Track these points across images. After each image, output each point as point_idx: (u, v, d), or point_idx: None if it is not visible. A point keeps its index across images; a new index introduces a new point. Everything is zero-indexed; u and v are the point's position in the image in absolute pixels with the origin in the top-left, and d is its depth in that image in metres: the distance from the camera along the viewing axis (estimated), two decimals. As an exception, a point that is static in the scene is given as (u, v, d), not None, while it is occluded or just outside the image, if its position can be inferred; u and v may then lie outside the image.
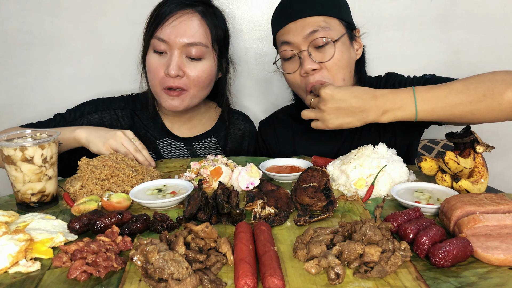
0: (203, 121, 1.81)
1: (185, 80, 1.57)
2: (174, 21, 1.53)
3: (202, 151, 1.78)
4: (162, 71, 1.55)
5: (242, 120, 1.87)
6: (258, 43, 2.15)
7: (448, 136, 1.29)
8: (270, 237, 0.94)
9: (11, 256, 0.88)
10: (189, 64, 1.56)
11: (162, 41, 1.54)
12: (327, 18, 1.45)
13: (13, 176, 1.16)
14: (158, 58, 1.57)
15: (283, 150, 1.76)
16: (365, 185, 1.25)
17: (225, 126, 1.83)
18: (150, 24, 1.58)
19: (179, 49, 1.53)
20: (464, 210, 0.98)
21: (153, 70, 1.57)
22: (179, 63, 1.54)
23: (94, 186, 1.24)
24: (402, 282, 0.81)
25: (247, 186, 1.25)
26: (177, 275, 0.80)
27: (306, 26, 1.44)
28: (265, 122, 1.87)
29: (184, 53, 1.55)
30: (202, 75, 1.59)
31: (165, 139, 1.75)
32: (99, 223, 1.00)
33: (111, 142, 1.45)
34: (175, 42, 1.52)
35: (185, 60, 1.56)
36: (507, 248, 0.88)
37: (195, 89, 1.60)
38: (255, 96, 2.22)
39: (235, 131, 1.84)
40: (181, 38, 1.52)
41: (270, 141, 1.81)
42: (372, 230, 0.89)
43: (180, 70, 1.54)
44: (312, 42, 1.44)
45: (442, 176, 1.23)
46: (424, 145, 2.13)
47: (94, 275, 0.85)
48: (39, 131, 1.26)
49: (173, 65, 1.52)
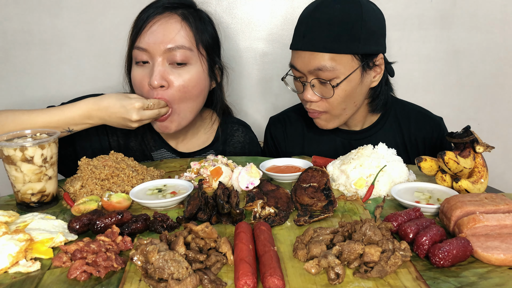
0: (199, 135, 1.68)
1: (170, 91, 1.42)
2: (152, 26, 1.41)
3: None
4: (145, 84, 1.43)
5: (242, 132, 1.75)
6: (258, 43, 2.15)
7: (448, 136, 1.29)
8: (270, 237, 0.94)
9: (11, 256, 0.88)
10: (173, 71, 1.42)
11: (142, 50, 1.41)
12: (336, 56, 1.37)
13: (13, 176, 1.16)
14: (141, 70, 1.44)
15: (291, 150, 1.72)
16: (365, 185, 1.25)
17: (224, 138, 1.70)
18: (130, 35, 1.47)
19: (161, 56, 1.40)
20: (464, 210, 0.98)
21: (138, 84, 1.45)
22: (161, 72, 1.40)
23: (94, 186, 1.24)
24: (402, 282, 0.82)
25: (247, 186, 1.25)
26: (177, 275, 0.80)
27: (312, 61, 1.39)
28: (275, 119, 1.80)
29: (168, 61, 1.41)
30: (188, 84, 1.43)
31: (160, 150, 1.63)
32: (99, 223, 1.00)
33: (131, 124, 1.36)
34: (155, 49, 1.39)
35: (169, 68, 1.42)
36: (507, 248, 0.88)
37: (182, 102, 1.45)
38: (255, 96, 2.22)
39: (235, 143, 1.72)
40: (161, 43, 1.39)
41: (280, 139, 1.76)
42: (372, 230, 0.89)
43: (163, 79, 1.40)
44: (317, 77, 1.41)
45: (442, 176, 1.23)
46: (424, 145, 2.13)
47: (94, 275, 0.85)
48: (39, 131, 1.26)
49: (155, 74, 1.38)
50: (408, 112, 1.66)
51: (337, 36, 1.36)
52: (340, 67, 1.38)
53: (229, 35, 2.12)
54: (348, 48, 1.37)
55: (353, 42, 1.37)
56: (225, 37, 2.12)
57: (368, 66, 1.44)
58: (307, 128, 1.72)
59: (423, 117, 1.65)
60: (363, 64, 1.42)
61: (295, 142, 1.74)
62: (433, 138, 1.63)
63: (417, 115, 1.65)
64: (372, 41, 1.41)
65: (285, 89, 2.23)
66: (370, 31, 1.39)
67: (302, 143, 1.73)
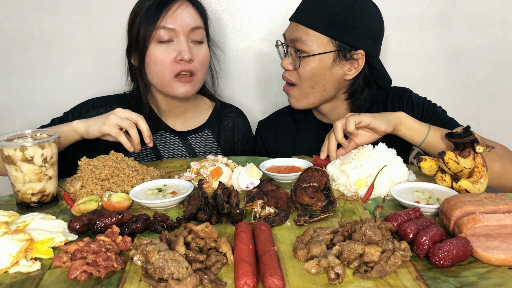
0: (195, 115, 1.83)
1: (195, 64, 1.63)
2: (176, 10, 1.59)
3: (197, 144, 1.78)
4: (171, 59, 1.59)
5: (235, 114, 1.90)
6: (258, 43, 2.14)
7: (448, 136, 1.29)
8: (270, 237, 0.94)
9: (11, 256, 0.88)
10: (195, 48, 1.63)
11: (168, 29, 1.57)
12: (314, 33, 1.50)
13: (13, 176, 1.16)
14: (165, 47, 1.59)
15: (283, 151, 1.77)
16: (365, 185, 1.25)
17: (219, 119, 1.85)
18: (145, 21, 1.58)
19: (185, 35, 1.59)
20: (464, 210, 0.98)
21: (162, 59, 1.59)
22: (190, 48, 1.60)
23: (94, 186, 1.24)
24: (402, 282, 0.82)
25: (247, 186, 1.25)
26: (177, 275, 0.80)
27: (295, 31, 1.54)
28: (264, 123, 1.88)
29: (189, 39, 1.61)
30: (205, 58, 1.67)
31: (160, 132, 1.76)
32: (99, 223, 1.00)
33: (104, 128, 1.39)
34: (182, 28, 1.58)
35: (191, 44, 1.63)
36: (507, 248, 0.88)
37: (201, 73, 1.67)
38: (254, 96, 2.22)
39: (228, 123, 1.87)
40: (187, 24, 1.59)
41: (270, 141, 1.82)
42: (372, 230, 0.89)
43: (191, 54, 1.60)
44: (293, 46, 1.54)
45: (442, 176, 1.23)
46: (424, 145, 2.13)
47: (94, 275, 0.85)
48: (39, 131, 1.26)
49: (186, 50, 1.58)
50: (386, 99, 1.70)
51: (322, 17, 1.50)
52: (313, 44, 1.50)
53: (229, 35, 2.12)
54: (327, 30, 1.50)
55: (332, 27, 1.49)
56: (225, 37, 2.12)
57: (344, 56, 1.53)
58: (297, 128, 1.78)
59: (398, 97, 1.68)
60: (338, 51, 1.51)
61: (286, 142, 1.79)
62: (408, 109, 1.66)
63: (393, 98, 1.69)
64: (353, 34, 1.50)
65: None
66: (355, 24, 1.50)
67: (293, 143, 1.77)
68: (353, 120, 1.39)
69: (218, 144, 1.82)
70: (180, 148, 1.77)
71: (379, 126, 1.40)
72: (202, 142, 1.80)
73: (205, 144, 1.80)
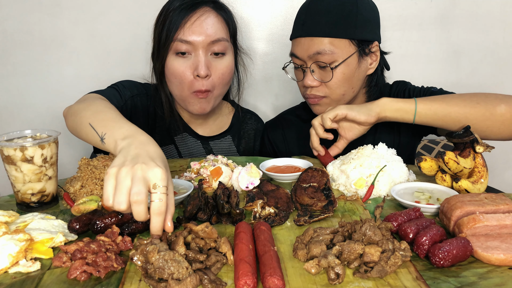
0: (217, 121, 1.81)
1: (212, 80, 1.55)
2: (196, 20, 1.50)
3: (218, 150, 1.78)
4: (189, 74, 1.52)
5: (254, 120, 1.88)
6: (258, 43, 2.15)
7: (448, 136, 1.30)
8: (270, 237, 0.94)
9: (11, 256, 0.88)
10: (214, 61, 1.55)
11: (186, 42, 1.50)
12: (334, 40, 1.46)
13: (13, 176, 1.16)
14: (182, 61, 1.52)
15: (292, 151, 1.77)
16: (365, 185, 1.25)
17: (240, 125, 1.83)
18: (166, 29, 1.52)
19: (204, 48, 1.51)
20: (464, 210, 0.98)
21: (180, 74, 1.53)
22: (207, 63, 1.52)
23: (94, 186, 1.24)
24: (402, 282, 0.82)
25: (247, 186, 1.25)
26: (177, 275, 0.80)
27: (312, 46, 1.48)
28: (272, 123, 1.87)
29: (209, 51, 1.53)
30: (226, 72, 1.57)
31: (183, 134, 1.74)
32: (99, 223, 1.00)
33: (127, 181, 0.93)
34: (200, 42, 1.50)
35: (210, 58, 1.54)
36: (507, 248, 0.88)
37: (219, 88, 1.59)
38: (254, 96, 2.23)
39: (249, 130, 1.85)
40: (206, 36, 1.50)
41: (278, 142, 1.81)
42: (372, 230, 0.89)
43: (208, 69, 1.52)
44: (316, 61, 1.49)
45: (442, 176, 1.23)
46: (424, 145, 2.13)
47: (94, 275, 0.85)
48: (40, 131, 1.26)
49: (203, 65, 1.50)
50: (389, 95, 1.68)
51: (335, 22, 1.46)
52: (338, 51, 1.47)
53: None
54: (345, 33, 1.47)
55: (349, 28, 1.47)
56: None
57: (364, 52, 1.52)
58: (304, 129, 1.74)
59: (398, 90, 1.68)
60: (359, 49, 1.50)
61: (295, 143, 1.77)
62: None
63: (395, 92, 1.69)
64: (367, 28, 1.51)
65: (285, 89, 2.23)
66: (365, 19, 1.49)
67: (302, 144, 1.75)
68: (327, 117, 1.40)
69: (238, 150, 1.82)
70: (201, 151, 1.76)
71: (357, 117, 1.39)
72: (223, 147, 1.79)
73: (225, 149, 1.79)
